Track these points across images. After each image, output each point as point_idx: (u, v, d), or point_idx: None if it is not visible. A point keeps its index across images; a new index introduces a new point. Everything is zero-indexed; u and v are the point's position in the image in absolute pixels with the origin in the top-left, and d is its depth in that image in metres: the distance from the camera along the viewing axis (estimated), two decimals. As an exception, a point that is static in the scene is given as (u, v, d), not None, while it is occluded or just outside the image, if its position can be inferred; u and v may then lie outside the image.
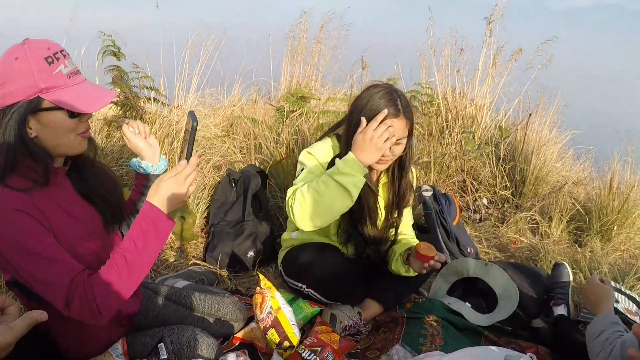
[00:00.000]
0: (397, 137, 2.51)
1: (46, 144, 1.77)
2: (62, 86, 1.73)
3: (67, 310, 1.67)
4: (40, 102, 1.71)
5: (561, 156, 5.97)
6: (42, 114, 1.72)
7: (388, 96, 2.53)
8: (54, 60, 1.72)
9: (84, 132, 1.84)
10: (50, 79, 1.71)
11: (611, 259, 3.99)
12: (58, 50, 1.75)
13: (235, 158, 4.68)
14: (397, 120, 2.50)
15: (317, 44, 7.01)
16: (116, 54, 4.52)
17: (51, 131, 1.75)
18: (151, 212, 1.80)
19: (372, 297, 2.92)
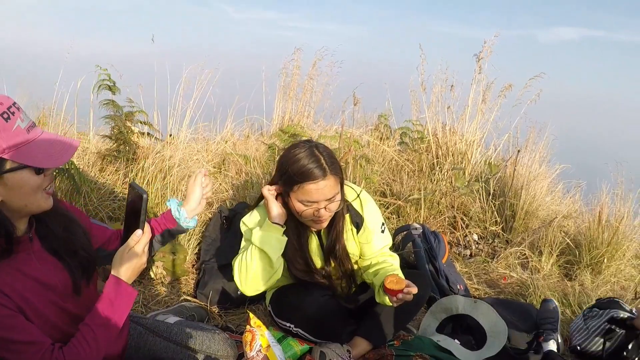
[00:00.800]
0: (328, 195, 2.49)
1: (13, 207, 1.66)
2: (23, 142, 1.61)
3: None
4: (3, 164, 1.58)
5: (551, 190, 6.01)
6: (6, 176, 1.60)
7: (311, 157, 2.48)
8: (10, 116, 1.59)
9: (49, 187, 1.74)
10: (10, 137, 1.58)
11: (601, 292, 4.02)
12: (11, 104, 1.61)
13: (226, 195, 4.71)
14: (324, 182, 2.46)
15: (310, 81, 7.07)
16: (111, 88, 4.57)
17: (18, 192, 1.63)
18: (118, 286, 1.84)
19: (360, 334, 2.92)
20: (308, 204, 2.50)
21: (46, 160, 1.65)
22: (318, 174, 2.44)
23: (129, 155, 4.49)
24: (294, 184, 2.48)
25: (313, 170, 2.44)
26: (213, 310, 3.43)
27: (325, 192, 2.47)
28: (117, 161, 4.46)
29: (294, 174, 2.47)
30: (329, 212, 2.55)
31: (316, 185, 2.44)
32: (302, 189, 2.47)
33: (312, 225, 2.64)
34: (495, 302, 3.51)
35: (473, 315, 3.22)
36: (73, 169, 3.79)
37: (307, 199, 2.48)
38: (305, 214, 2.54)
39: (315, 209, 2.51)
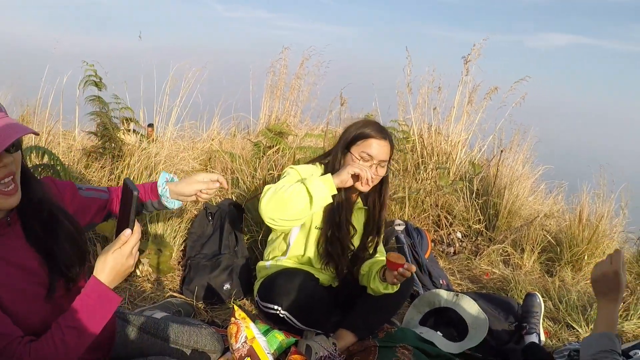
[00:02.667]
0: (383, 157, 2.86)
1: None
2: None
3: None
4: None
5: (533, 190, 6.08)
6: None
7: (374, 124, 2.96)
8: None
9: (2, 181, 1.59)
10: None
11: (580, 287, 4.09)
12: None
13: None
14: (383, 142, 2.87)
15: (297, 80, 7.09)
16: (97, 84, 4.55)
17: None
18: (99, 289, 1.70)
19: (345, 327, 2.96)
20: (366, 156, 2.84)
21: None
22: (383, 136, 2.88)
23: (115, 152, 4.49)
24: (359, 139, 2.87)
25: (380, 132, 2.89)
26: (199, 306, 3.44)
27: (382, 152, 2.86)
28: (102, 158, 4.45)
29: (363, 131, 2.88)
30: (376, 175, 2.87)
31: (379, 142, 2.85)
32: (366, 142, 2.85)
33: (358, 185, 2.84)
34: (477, 296, 3.56)
35: (455, 308, 3.27)
36: (58, 165, 3.79)
37: (368, 151, 2.84)
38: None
39: (370, 164, 2.83)
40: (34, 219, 1.77)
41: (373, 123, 2.98)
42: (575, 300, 3.75)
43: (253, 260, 3.88)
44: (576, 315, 3.60)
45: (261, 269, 3.17)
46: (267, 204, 2.70)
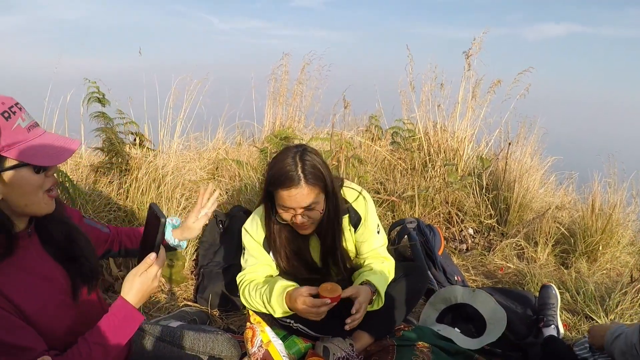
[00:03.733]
0: (303, 204, 2.52)
1: (14, 206, 1.67)
2: (23, 141, 1.63)
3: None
4: (2, 161, 1.60)
5: (544, 182, 6.05)
6: (6, 174, 1.61)
7: (290, 165, 2.50)
8: (11, 115, 1.61)
9: (51, 188, 1.74)
10: (10, 135, 1.60)
11: (597, 278, 4.06)
12: (13, 104, 1.64)
13: (221, 200, 4.72)
14: (294, 191, 2.48)
15: (299, 85, 7.10)
16: (101, 101, 4.56)
17: (18, 190, 1.64)
18: (125, 309, 1.83)
19: (361, 328, 2.92)
20: (284, 208, 2.56)
21: (45, 158, 1.65)
22: (290, 182, 2.47)
23: (122, 166, 4.49)
24: (272, 188, 2.56)
25: (286, 178, 2.47)
26: (214, 314, 3.44)
27: (299, 200, 2.50)
28: (110, 173, 4.46)
29: (271, 178, 2.55)
30: (309, 220, 2.60)
31: (288, 192, 2.48)
32: (278, 194, 2.53)
33: (298, 230, 2.70)
34: (493, 291, 3.53)
35: (472, 304, 3.24)
36: (67, 181, 3.79)
37: (282, 204, 2.54)
38: (285, 217, 2.60)
39: (292, 214, 2.56)
40: (55, 228, 1.86)
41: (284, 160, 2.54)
42: (592, 291, 3.71)
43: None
44: (594, 306, 3.56)
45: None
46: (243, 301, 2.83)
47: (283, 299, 2.60)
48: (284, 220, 2.65)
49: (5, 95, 1.66)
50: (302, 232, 2.71)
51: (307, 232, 2.72)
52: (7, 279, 1.66)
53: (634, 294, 3.63)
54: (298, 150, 2.58)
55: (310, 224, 2.64)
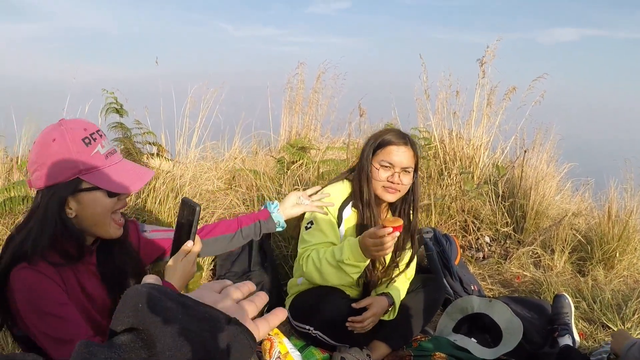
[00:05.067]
0: (405, 163, 2.79)
1: (84, 224, 1.80)
2: (100, 167, 1.76)
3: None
4: (79, 184, 1.73)
5: (560, 189, 6.03)
6: (81, 195, 1.75)
7: (393, 130, 2.93)
8: (91, 141, 1.74)
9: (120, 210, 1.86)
10: (89, 160, 1.73)
11: (614, 286, 4.04)
12: (94, 131, 1.77)
13: (238, 210, 4.75)
14: (403, 148, 2.81)
15: (315, 94, 7.12)
16: (119, 111, 4.63)
17: (90, 210, 1.77)
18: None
19: (379, 338, 2.96)
20: (387, 165, 2.80)
21: (118, 185, 1.77)
22: (401, 141, 2.82)
23: (140, 176, 4.53)
24: (379, 148, 2.84)
25: (398, 138, 2.83)
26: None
27: (403, 159, 2.80)
28: (128, 182, 4.50)
29: (382, 139, 2.84)
30: (400, 183, 2.80)
31: (397, 148, 2.80)
32: (385, 150, 2.81)
33: (383, 194, 2.85)
34: (509, 300, 3.54)
35: (488, 313, 3.25)
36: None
37: (387, 159, 2.79)
38: (381, 175, 2.81)
39: (391, 173, 2.79)
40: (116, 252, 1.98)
41: (392, 130, 2.94)
42: (609, 299, 3.71)
43: (283, 275, 3.89)
44: (611, 315, 3.56)
45: (292, 285, 3.14)
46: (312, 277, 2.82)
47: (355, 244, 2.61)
48: (379, 180, 2.82)
49: (89, 122, 1.81)
50: (388, 196, 2.85)
51: (392, 198, 2.87)
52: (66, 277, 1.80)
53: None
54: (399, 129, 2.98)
55: (398, 189, 2.83)
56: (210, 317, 0.78)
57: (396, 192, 2.83)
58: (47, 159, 1.72)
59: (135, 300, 0.75)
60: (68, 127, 1.74)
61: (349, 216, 2.92)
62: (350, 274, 2.66)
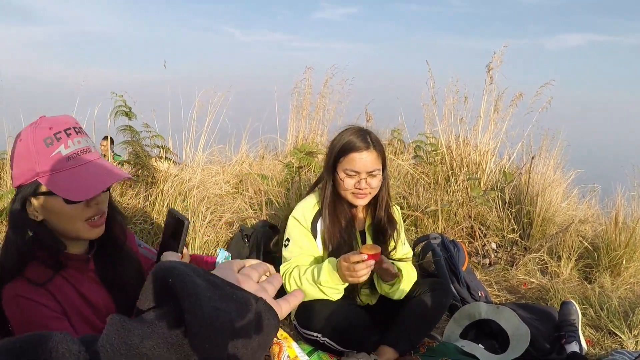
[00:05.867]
0: (370, 168, 2.79)
1: (55, 229, 1.71)
2: (58, 169, 1.64)
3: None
4: (38, 186, 1.64)
5: (566, 196, 6.03)
6: (41, 198, 1.66)
7: (358, 133, 2.85)
8: (54, 142, 1.63)
9: (92, 218, 1.74)
10: (46, 162, 1.63)
11: (620, 293, 4.04)
12: (62, 130, 1.66)
13: (246, 214, 4.76)
14: (366, 153, 2.79)
15: (322, 99, 7.15)
16: (127, 114, 4.65)
17: (55, 216, 1.69)
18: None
19: (386, 343, 2.96)
20: (352, 173, 2.80)
21: (71, 192, 1.64)
22: (362, 146, 2.78)
23: (148, 179, 4.56)
24: (341, 156, 2.82)
25: (358, 142, 2.79)
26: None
27: (367, 164, 2.79)
28: (136, 185, 4.53)
29: (342, 146, 2.83)
30: (369, 187, 2.83)
31: (359, 154, 2.78)
32: (347, 159, 2.80)
33: (353, 200, 2.88)
34: (516, 307, 3.54)
35: (496, 320, 3.25)
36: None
37: (351, 167, 2.79)
38: (348, 183, 2.82)
39: (357, 179, 2.80)
40: (111, 257, 1.92)
41: (353, 132, 2.86)
42: (616, 306, 3.70)
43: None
44: (618, 322, 3.55)
45: None
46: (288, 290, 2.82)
47: (335, 266, 2.68)
48: (345, 189, 2.85)
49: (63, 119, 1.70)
50: (358, 201, 2.88)
51: (363, 202, 2.90)
52: (59, 292, 1.72)
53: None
54: (360, 127, 2.95)
55: (368, 192, 2.85)
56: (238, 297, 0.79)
57: (366, 196, 2.88)
58: (14, 157, 1.68)
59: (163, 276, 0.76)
60: (38, 125, 1.66)
61: (322, 230, 2.97)
62: (330, 295, 2.75)
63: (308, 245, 2.94)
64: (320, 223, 2.97)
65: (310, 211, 2.99)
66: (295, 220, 2.98)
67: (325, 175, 2.94)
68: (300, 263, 2.91)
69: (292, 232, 2.97)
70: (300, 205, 3.04)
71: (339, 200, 2.93)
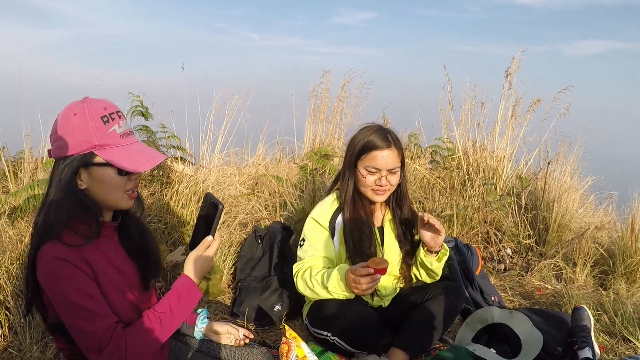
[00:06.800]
0: (390, 166, 2.87)
1: (95, 197, 1.87)
2: (114, 145, 1.83)
3: (95, 356, 1.78)
4: (92, 157, 1.81)
5: (583, 202, 5.98)
6: (93, 169, 1.82)
7: (379, 132, 2.92)
8: (109, 120, 1.82)
9: (132, 190, 1.93)
10: (104, 136, 1.81)
11: (636, 299, 4.01)
12: (114, 111, 1.85)
13: (260, 215, 4.77)
14: (387, 151, 2.86)
15: (339, 103, 7.15)
16: (144, 114, 4.67)
17: (100, 185, 1.85)
18: (187, 284, 2.02)
19: (397, 345, 2.94)
20: (373, 170, 2.87)
21: (129, 164, 1.83)
22: (383, 144, 2.86)
23: (164, 179, 4.58)
24: (362, 154, 2.90)
25: (379, 141, 2.86)
26: (250, 328, 3.46)
27: (388, 162, 2.86)
28: (151, 185, 4.55)
29: (364, 144, 2.89)
30: (389, 184, 2.90)
31: (381, 152, 2.85)
32: (369, 156, 2.87)
33: (373, 197, 2.94)
34: (530, 312, 3.51)
35: (508, 324, 3.23)
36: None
37: (373, 164, 2.86)
38: (369, 180, 2.89)
39: (378, 177, 2.87)
40: (132, 226, 2.10)
41: (374, 131, 2.93)
42: (631, 312, 3.66)
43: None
44: (632, 329, 3.52)
45: None
46: (299, 289, 2.96)
47: (343, 275, 2.73)
48: (366, 186, 2.92)
49: (110, 103, 1.89)
50: (378, 197, 2.95)
51: (382, 199, 2.98)
52: (93, 258, 1.86)
53: (674, 317, 3.59)
54: (379, 125, 3.00)
55: (387, 189, 2.93)
56: None
57: (386, 192, 2.94)
58: (67, 131, 1.80)
59: None
60: (90, 104, 1.82)
61: (342, 226, 3.01)
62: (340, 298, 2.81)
63: (323, 246, 2.97)
64: (339, 220, 3.01)
65: (328, 209, 3.03)
66: (312, 220, 3.02)
67: (346, 172, 2.99)
68: (313, 264, 2.93)
69: (308, 233, 3.01)
70: (319, 205, 3.10)
71: (358, 196, 2.99)
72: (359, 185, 2.95)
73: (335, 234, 3.00)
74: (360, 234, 2.95)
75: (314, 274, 2.85)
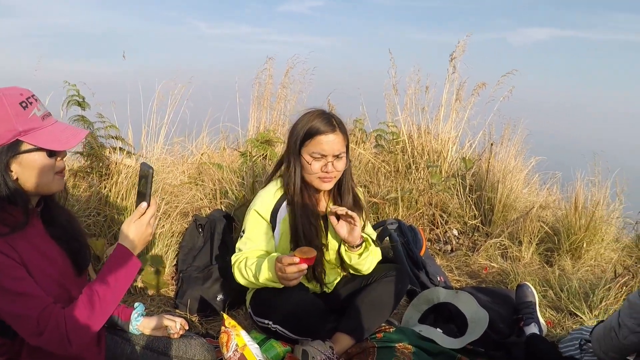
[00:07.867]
0: (336, 151, 2.75)
1: (26, 186, 1.84)
2: (38, 128, 1.82)
3: (36, 339, 1.75)
4: (19, 145, 1.78)
5: (527, 182, 6.03)
6: (22, 156, 1.80)
7: (322, 116, 2.79)
8: (28, 105, 1.81)
9: (61, 170, 1.91)
10: (26, 122, 1.79)
11: (581, 275, 4.06)
12: (30, 95, 1.84)
13: (202, 204, 4.68)
14: (331, 136, 2.74)
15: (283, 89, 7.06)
16: (81, 104, 4.51)
17: (31, 172, 1.82)
18: (122, 253, 1.97)
19: (342, 330, 2.90)
20: (318, 156, 2.75)
21: (57, 144, 1.83)
22: (328, 129, 2.74)
23: (102, 171, 4.44)
24: (307, 139, 2.76)
25: (323, 125, 2.75)
26: (193, 319, 3.38)
27: (333, 146, 2.74)
28: (89, 177, 4.40)
29: (308, 129, 2.76)
30: (335, 171, 2.79)
31: (326, 137, 2.73)
32: (313, 142, 2.74)
33: (319, 185, 2.83)
34: (475, 290, 3.52)
35: (454, 303, 3.22)
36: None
37: (318, 150, 2.74)
38: (314, 167, 2.77)
39: (324, 163, 2.75)
40: (58, 211, 2.07)
41: (317, 116, 2.81)
42: (576, 287, 3.71)
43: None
44: (578, 303, 3.56)
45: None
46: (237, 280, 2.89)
47: (273, 263, 2.64)
48: (312, 173, 2.79)
49: (23, 88, 1.87)
50: (324, 185, 2.84)
51: (329, 187, 2.86)
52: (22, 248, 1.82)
53: (618, 290, 3.66)
54: (322, 110, 2.89)
55: (334, 176, 2.82)
56: None
57: (332, 180, 2.83)
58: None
59: None
60: (5, 92, 1.80)
61: (285, 217, 2.91)
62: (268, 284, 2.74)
63: (263, 239, 2.90)
64: (282, 211, 2.91)
65: (271, 199, 2.92)
66: (254, 212, 2.91)
67: (291, 160, 2.86)
68: (249, 255, 2.85)
69: (248, 225, 2.92)
70: (260, 195, 2.98)
71: (304, 185, 2.88)
72: (305, 174, 2.83)
73: (277, 226, 2.91)
74: (309, 224, 2.86)
75: (249, 264, 2.78)
